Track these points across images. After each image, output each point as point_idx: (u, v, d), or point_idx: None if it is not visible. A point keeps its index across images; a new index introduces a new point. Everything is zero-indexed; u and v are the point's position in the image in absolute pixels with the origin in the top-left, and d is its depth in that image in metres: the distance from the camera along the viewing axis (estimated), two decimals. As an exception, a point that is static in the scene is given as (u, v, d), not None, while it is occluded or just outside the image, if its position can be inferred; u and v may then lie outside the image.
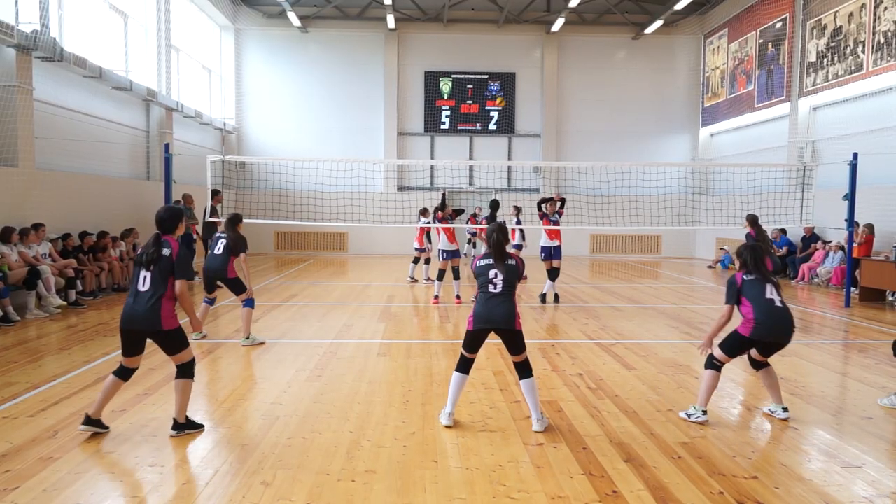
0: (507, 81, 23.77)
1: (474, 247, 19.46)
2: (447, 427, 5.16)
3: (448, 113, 23.71)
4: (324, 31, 23.20)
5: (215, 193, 13.18)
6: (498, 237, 5.31)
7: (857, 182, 11.96)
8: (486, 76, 23.67)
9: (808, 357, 7.82)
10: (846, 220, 12.07)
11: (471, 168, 23.49)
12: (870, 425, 5.33)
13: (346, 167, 18.97)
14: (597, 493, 4.00)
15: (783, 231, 17.02)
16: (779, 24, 18.96)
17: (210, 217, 13.02)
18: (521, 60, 23.85)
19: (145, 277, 4.83)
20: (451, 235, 12.01)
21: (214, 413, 5.48)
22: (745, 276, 5.42)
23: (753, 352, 5.52)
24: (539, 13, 23.06)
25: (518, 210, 15.18)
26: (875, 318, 10.72)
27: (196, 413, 5.40)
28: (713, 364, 5.45)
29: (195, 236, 14.02)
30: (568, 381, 6.60)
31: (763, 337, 5.27)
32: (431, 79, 23.62)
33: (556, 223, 11.77)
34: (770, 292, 5.32)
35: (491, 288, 5.17)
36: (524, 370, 5.20)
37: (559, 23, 22.06)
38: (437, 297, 11.81)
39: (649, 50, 23.93)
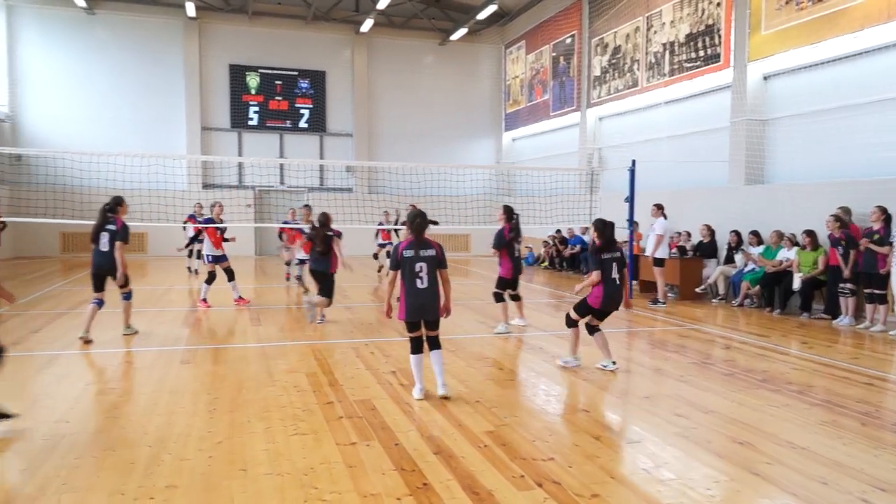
0: (317, 79, 23.47)
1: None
2: (419, 399, 5.84)
3: (256, 109, 22.91)
4: (113, 14, 21.33)
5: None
6: (421, 222, 5.89)
7: (636, 186, 13.35)
8: (296, 73, 23.20)
9: (597, 344, 8.59)
10: (627, 220, 13.42)
11: (281, 166, 22.89)
12: (648, 404, 5.98)
13: (143, 162, 17.53)
14: (408, 487, 4.09)
15: (585, 230, 18.60)
16: (568, 40, 20.63)
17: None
18: (331, 59, 23.68)
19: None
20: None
21: (-17, 438, 4.83)
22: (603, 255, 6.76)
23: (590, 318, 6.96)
24: (348, 13, 23.05)
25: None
26: (651, 308, 12.04)
27: (-41, 440, 4.75)
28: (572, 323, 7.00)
29: None
30: (381, 379, 6.67)
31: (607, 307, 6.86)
32: (237, 72, 22.68)
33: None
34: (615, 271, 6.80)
35: (418, 283, 5.79)
36: (436, 343, 6.01)
37: (368, 24, 22.22)
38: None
39: (455, 56, 24.89)
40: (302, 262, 12.68)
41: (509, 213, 9.66)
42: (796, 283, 10.92)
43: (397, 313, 5.97)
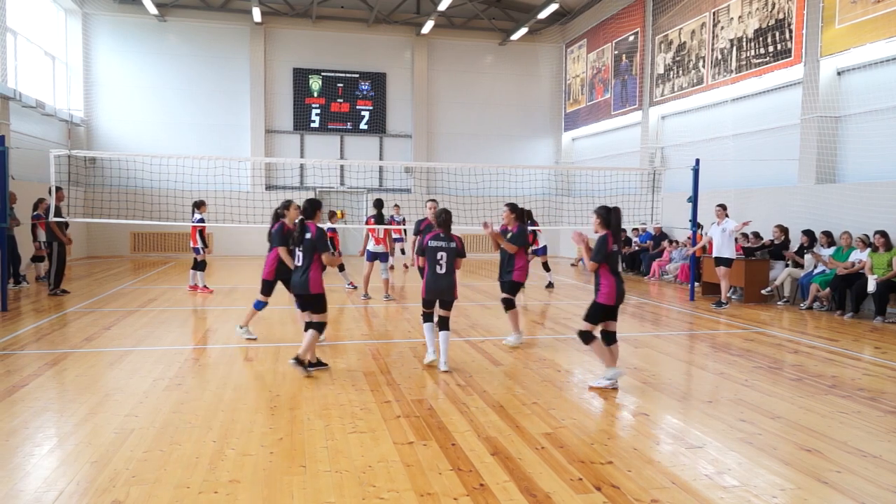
0: (377, 81, 23.74)
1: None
2: (429, 363, 7.02)
3: (318, 111, 23.34)
4: (183, 21, 22.09)
5: (58, 191, 12.17)
6: (447, 218, 6.91)
7: (699, 186, 13.02)
8: (357, 75, 23.52)
9: (658, 347, 8.42)
10: (690, 221, 13.10)
11: (342, 168, 23.27)
12: (710, 409, 5.82)
13: (209, 165, 18.13)
14: (465, 487, 4.09)
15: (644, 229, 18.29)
16: (631, 38, 20.26)
17: (54, 217, 11.98)
18: (391, 61, 23.91)
19: (299, 255, 6.60)
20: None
21: (60, 429, 5.07)
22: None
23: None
24: (409, 15, 23.23)
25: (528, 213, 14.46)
26: (714, 310, 11.71)
27: (40, 430, 4.99)
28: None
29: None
30: (438, 379, 6.69)
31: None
32: (300, 76, 23.15)
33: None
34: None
35: (438, 269, 6.82)
36: (445, 324, 6.95)
37: (429, 25, 22.34)
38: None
39: (515, 56, 24.78)
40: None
41: (603, 213, 7.17)
42: (871, 286, 10.44)
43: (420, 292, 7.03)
